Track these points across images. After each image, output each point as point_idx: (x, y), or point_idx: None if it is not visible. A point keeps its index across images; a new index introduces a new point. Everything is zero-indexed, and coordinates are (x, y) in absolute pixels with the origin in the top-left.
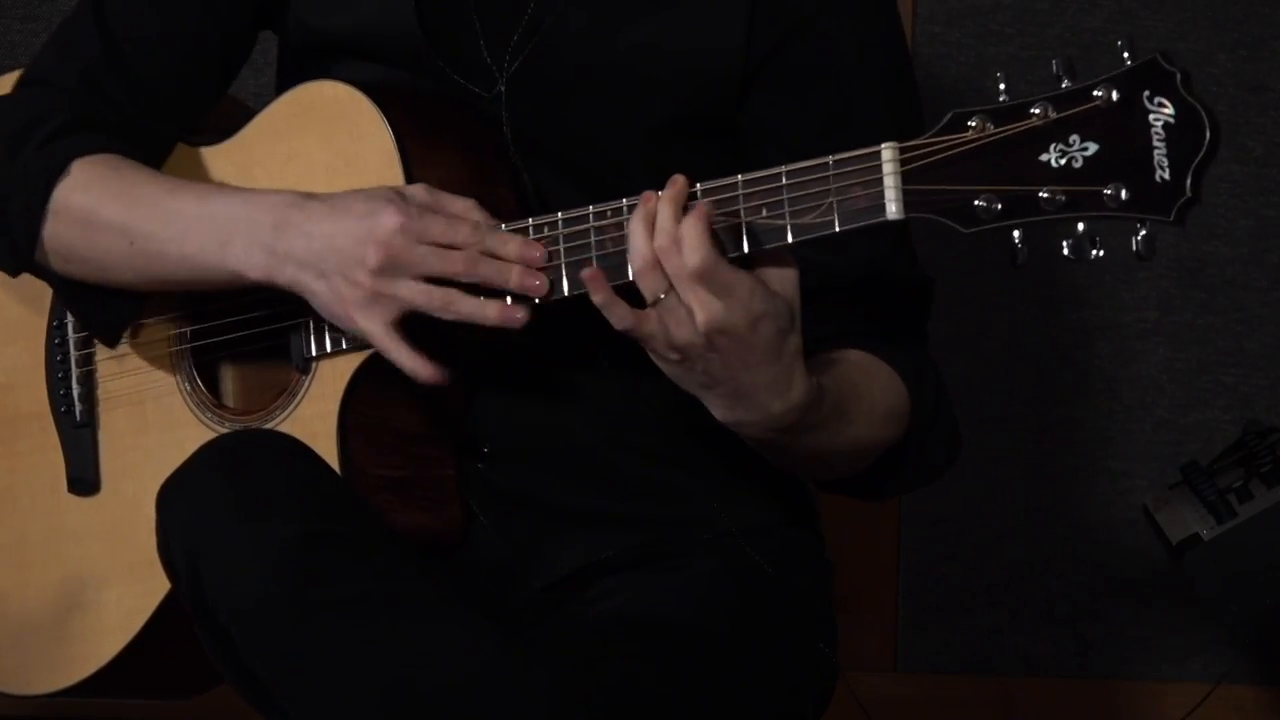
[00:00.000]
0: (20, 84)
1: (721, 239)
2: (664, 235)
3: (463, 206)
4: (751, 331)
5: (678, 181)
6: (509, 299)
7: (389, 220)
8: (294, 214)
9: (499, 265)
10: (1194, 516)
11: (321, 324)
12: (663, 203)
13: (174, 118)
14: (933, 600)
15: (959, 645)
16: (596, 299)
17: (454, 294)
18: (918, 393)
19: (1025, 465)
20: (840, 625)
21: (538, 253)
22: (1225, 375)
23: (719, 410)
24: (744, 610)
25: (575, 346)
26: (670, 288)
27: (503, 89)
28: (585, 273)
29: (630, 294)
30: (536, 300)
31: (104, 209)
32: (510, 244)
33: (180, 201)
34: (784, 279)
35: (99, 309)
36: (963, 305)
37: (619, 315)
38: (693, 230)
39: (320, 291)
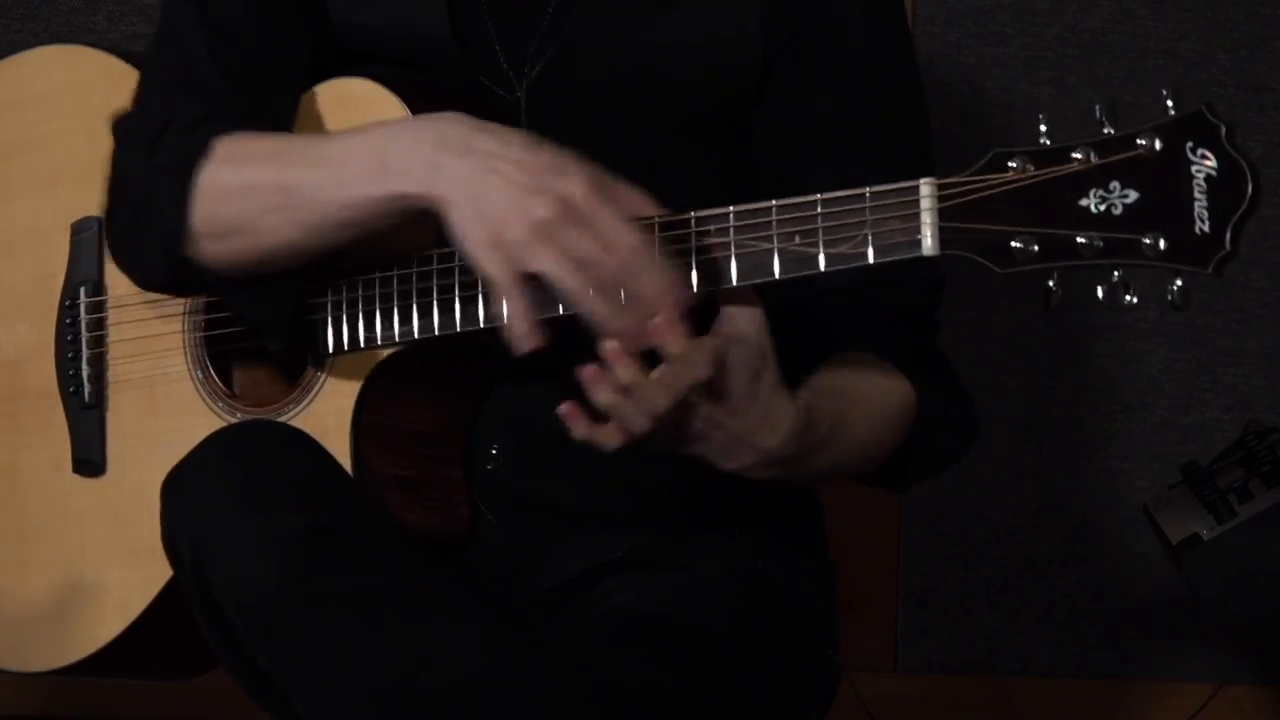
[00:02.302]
0: (145, 91)
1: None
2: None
3: (635, 201)
4: (725, 383)
5: None
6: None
7: (574, 184)
8: (474, 137)
9: (647, 283)
10: (1194, 516)
11: (340, 319)
12: None
13: (287, 89)
14: (933, 600)
15: (959, 645)
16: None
17: (592, 286)
18: (928, 387)
19: (1025, 465)
20: (841, 625)
21: (680, 296)
22: (1225, 375)
23: (720, 461)
24: (748, 611)
25: (584, 349)
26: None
27: (521, 95)
28: (562, 409)
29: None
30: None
31: (253, 171)
32: (657, 279)
33: (333, 141)
34: (749, 318)
35: (261, 300)
36: (963, 305)
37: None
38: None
39: (465, 217)
